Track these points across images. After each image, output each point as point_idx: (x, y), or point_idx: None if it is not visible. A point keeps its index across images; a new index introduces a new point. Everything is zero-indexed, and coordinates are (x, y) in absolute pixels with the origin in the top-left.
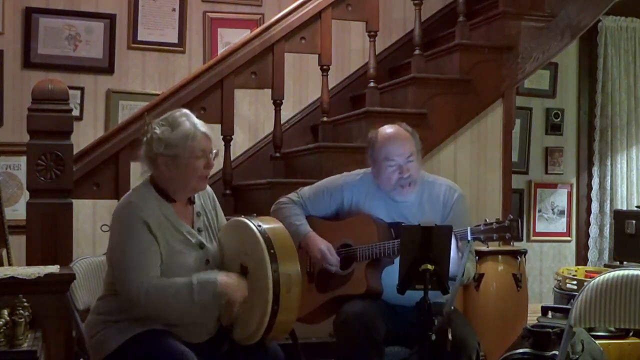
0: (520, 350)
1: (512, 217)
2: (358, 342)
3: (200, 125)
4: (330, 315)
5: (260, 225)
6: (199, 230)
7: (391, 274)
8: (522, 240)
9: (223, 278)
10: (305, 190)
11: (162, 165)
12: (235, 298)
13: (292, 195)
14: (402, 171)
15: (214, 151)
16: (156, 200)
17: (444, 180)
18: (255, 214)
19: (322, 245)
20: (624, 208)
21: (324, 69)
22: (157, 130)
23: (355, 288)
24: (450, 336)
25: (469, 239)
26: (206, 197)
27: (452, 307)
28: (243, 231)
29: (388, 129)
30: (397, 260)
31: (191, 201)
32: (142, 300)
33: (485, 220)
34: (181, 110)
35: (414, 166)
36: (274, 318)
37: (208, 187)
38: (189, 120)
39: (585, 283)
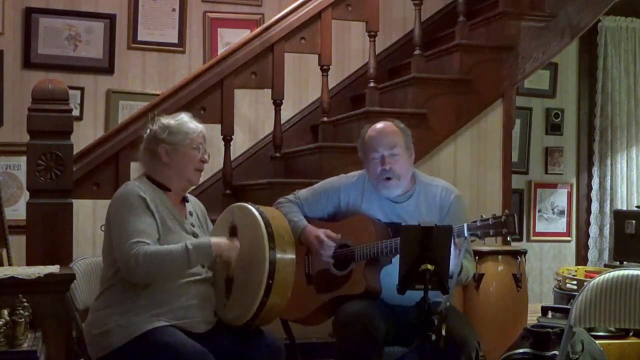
0: (520, 350)
1: (508, 212)
2: (358, 342)
3: (200, 124)
4: (330, 317)
5: (262, 213)
6: (192, 225)
7: (390, 273)
8: (517, 234)
9: (214, 240)
10: (303, 192)
11: (162, 153)
12: (230, 256)
13: (290, 197)
14: (384, 163)
15: (208, 152)
16: (152, 188)
17: (440, 181)
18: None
19: (319, 232)
20: (624, 208)
21: (324, 69)
22: (163, 120)
23: (354, 288)
24: (444, 332)
25: (466, 235)
26: (197, 207)
27: (449, 304)
28: (244, 215)
29: (377, 124)
30: (395, 260)
31: (185, 200)
32: (139, 264)
33: (482, 216)
34: (183, 112)
35: (398, 160)
36: (264, 302)
37: (198, 201)
38: (190, 118)
39: (585, 283)
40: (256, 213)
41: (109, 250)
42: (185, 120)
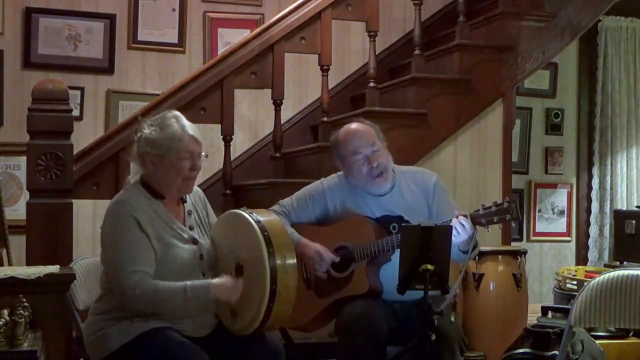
0: (520, 350)
1: (509, 198)
2: (361, 342)
3: (189, 128)
4: (331, 320)
5: (258, 220)
6: (191, 228)
7: (388, 271)
8: (521, 219)
9: (217, 282)
10: (287, 200)
11: (149, 164)
12: (230, 300)
13: (275, 207)
14: (370, 161)
15: (203, 154)
16: (145, 197)
17: (415, 168)
18: (245, 207)
19: (318, 246)
20: (624, 208)
21: (324, 69)
22: (146, 130)
23: (356, 288)
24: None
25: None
26: (197, 197)
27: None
28: (240, 223)
29: (347, 126)
30: (394, 258)
31: (182, 200)
32: (135, 297)
33: (483, 205)
34: (173, 111)
35: (380, 155)
36: (270, 309)
37: (198, 189)
38: (178, 122)
39: (585, 283)
40: (251, 220)
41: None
42: (172, 130)
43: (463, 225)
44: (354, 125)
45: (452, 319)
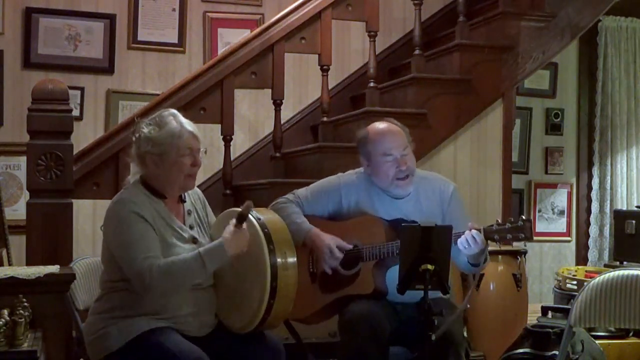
0: (520, 350)
1: (524, 217)
2: (363, 342)
3: (187, 124)
4: (332, 316)
5: (258, 218)
6: (191, 227)
7: (393, 273)
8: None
9: (226, 238)
10: (301, 191)
11: (150, 163)
12: (243, 250)
13: (289, 196)
14: (399, 164)
15: (202, 150)
16: (146, 197)
17: (435, 174)
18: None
19: (330, 241)
20: (624, 208)
21: (324, 69)
22: (145, 130)
23: (361, 288)
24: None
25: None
26: (195, 197)
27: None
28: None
29: (379, 125)
30: None
31: (182, 199)
32: (155, 279)
33: (497, 221)
34: (169, 110)
35: (410, 158)
36: (270, 306)
37: (197, 189)
38: (176, 119)
39: (585, 283)
40: (250, 217)
41: (109, 256)
42: (171, 127)
43: (475, 239)
44: (385, 125)
45: (465, 334)
